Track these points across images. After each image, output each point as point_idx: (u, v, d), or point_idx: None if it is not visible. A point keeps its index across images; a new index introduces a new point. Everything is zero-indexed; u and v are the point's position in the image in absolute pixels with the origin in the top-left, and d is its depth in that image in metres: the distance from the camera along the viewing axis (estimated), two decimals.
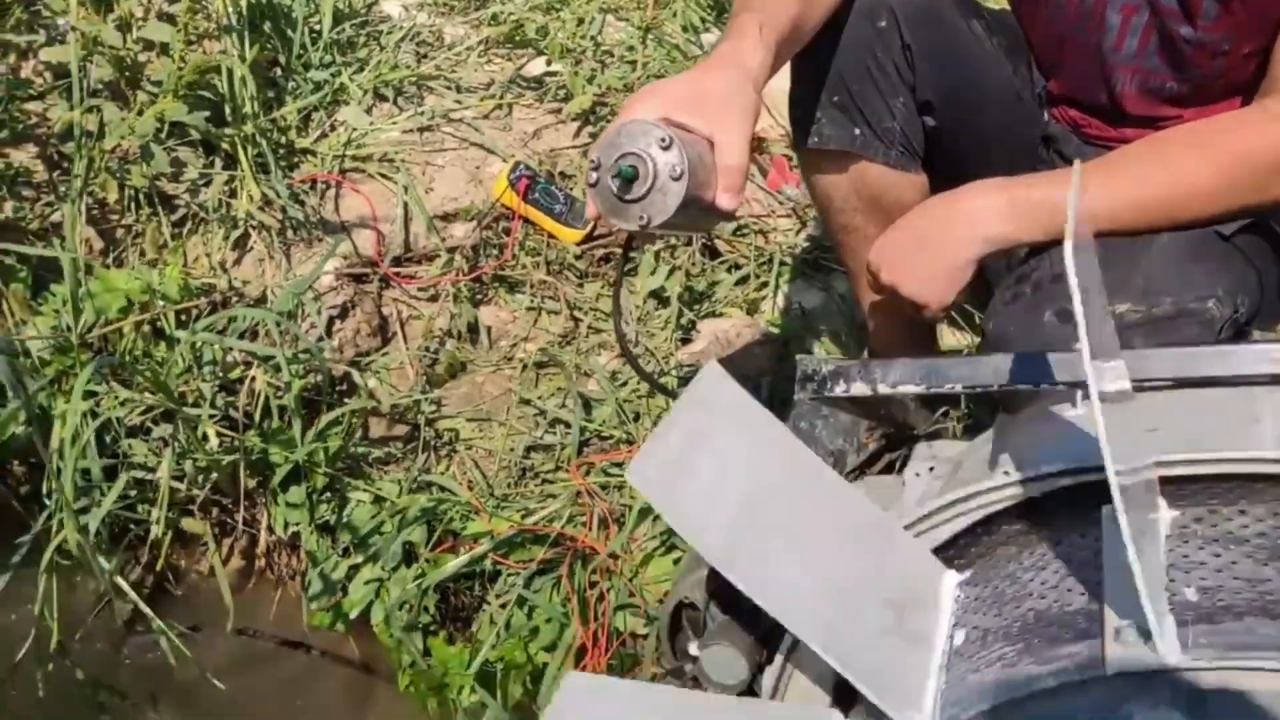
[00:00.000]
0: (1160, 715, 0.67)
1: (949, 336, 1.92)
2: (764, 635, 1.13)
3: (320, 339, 1.83)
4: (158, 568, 1.81)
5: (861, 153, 1.38)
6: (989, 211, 1.24)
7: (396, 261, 1.99)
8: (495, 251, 2.02)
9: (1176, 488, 0.87)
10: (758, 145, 2.24)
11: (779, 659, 0.96)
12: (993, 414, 1.62)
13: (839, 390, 1.17)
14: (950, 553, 0.99)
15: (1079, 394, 1.04)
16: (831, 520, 0.91)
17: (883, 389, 1.16)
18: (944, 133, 1.40)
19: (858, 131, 1.37)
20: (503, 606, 1.61)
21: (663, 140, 1.00)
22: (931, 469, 1.22)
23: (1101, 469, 0.90)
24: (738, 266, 2.06)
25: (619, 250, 2.05)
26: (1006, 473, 0.96)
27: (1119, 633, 0.72)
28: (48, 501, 1.63)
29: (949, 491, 0.98)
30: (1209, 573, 0.78)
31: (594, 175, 1.03)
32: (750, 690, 1.08)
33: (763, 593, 0.82)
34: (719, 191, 1.08)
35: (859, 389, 1.17)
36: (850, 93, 1.35)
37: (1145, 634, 0.71)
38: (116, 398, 1.69)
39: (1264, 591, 0.74)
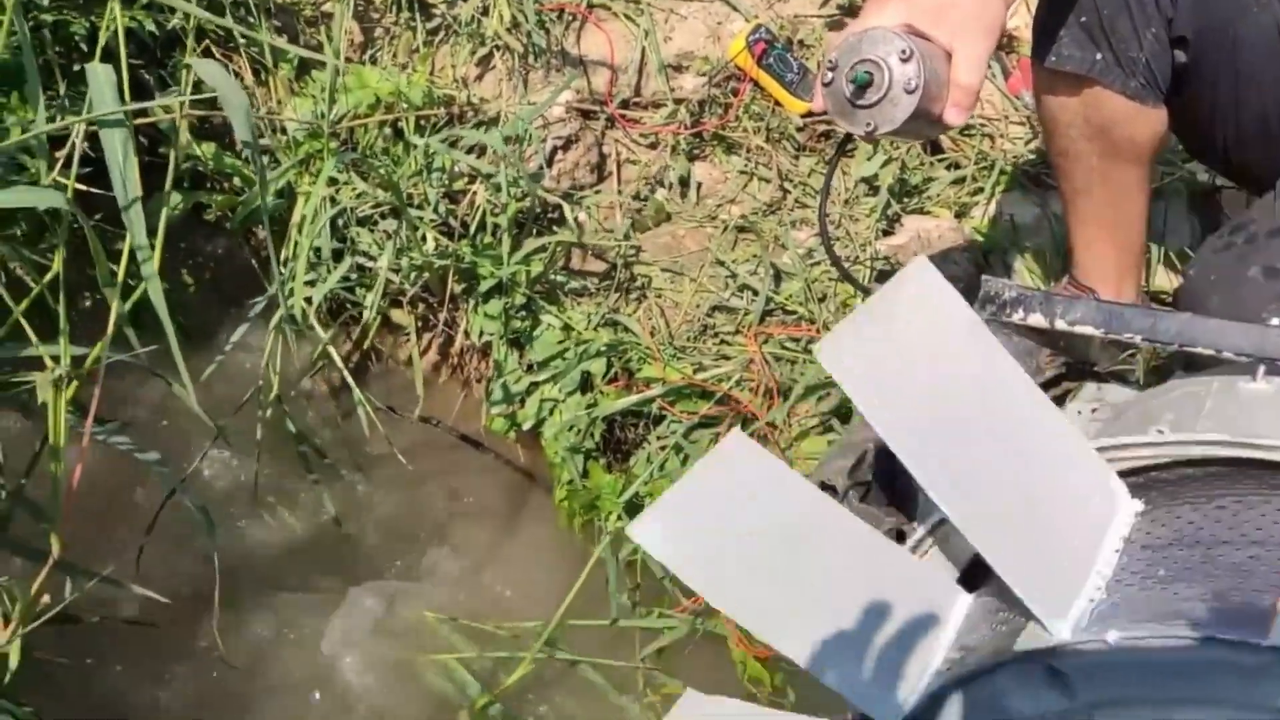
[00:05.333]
0: None
1: (1160, 278, 1.86)
2: (895, 532, 1.19)
3: (541, 167, 1.93)
4: (364, 347, 2.01)
5: (1099, 79, 1.34)
6: None
7: (624, 104, 2.05)
8: (720, 110, 2.06)
9: None
10: (1006, 45, 2.17)
11: (910, 542, 1.01)
12: (1183, 366, 1.60)
13: (1016, 317, 1.19)
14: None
15: (1260, 367, 1.03)
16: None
17: (1060, 325, 1.17)
18: (1194, 70, 1.34)
19: (1099, 56, 1.33)
20: (661, 449, 1.72)
21: (903, 52, 1.02)
22: (1094, 410, 1.23)
23: (1259, 446, 0.91)
24: (957, 166, 2.04)
25: (840, 131, 2.05)
26: (1160, 431, 0.97)
27: None
28: (282, 270, 1.81)
29: (1100, 437, 1.00)
30: None
31: (829, 75, 1.05)
32: None
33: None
34: (948, 107, 1.09)
35: (1036, 320, 1.19)
36: (1100, 16, 1.30)
37: None
38: (354, 189, 1.84)
39: None
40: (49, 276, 1.05)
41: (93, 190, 1.59)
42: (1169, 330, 1.10)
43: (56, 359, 1.05)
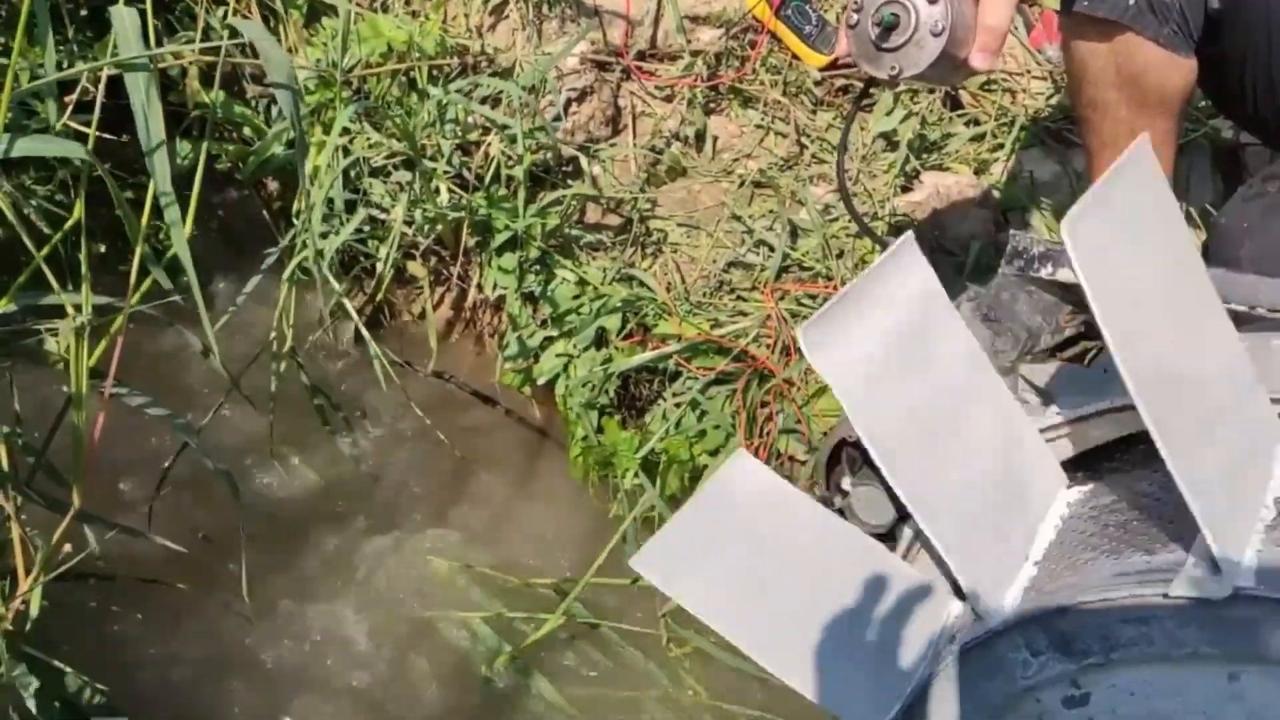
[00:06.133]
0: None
1: None
2: None
3: (557, 118, 1.90)
4: (377, 299, 1.99)
5: (1131, 25, 1.31)
6: None
7: (640, 56, 2.02)
8: (737, 63, 2.03)
9: None
10: None
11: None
12: None
13: (1044, 272, 1.18)
14: (1114, 454, 1.01)
15: None
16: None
17: None
18: (1228, 18, 1.31)
19: (1132, 2, 1.30)
20: (677, 405, 1.71)
21: None
22: None
23: None
24: (977, 122, 2.01)
25: (859, 83, 2.02)
26: None
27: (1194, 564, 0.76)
28: (295, 220, 1.79)
29: (1124, 397, 0.99)
30: None
31: (854, 17, 1.04)
32: (890, 536, 1.14)
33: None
34: (974, 51, 1.07)
35: (1065, 275, 1.17)
36: None
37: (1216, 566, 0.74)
38: (367, 139, 1.81)
39: None
40: (69, 224, 1.04)
41: (103, 136, 1.56)
42: None
43: (78, 307, 1.03)
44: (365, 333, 1.73)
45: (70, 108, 1.28)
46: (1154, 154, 0.90)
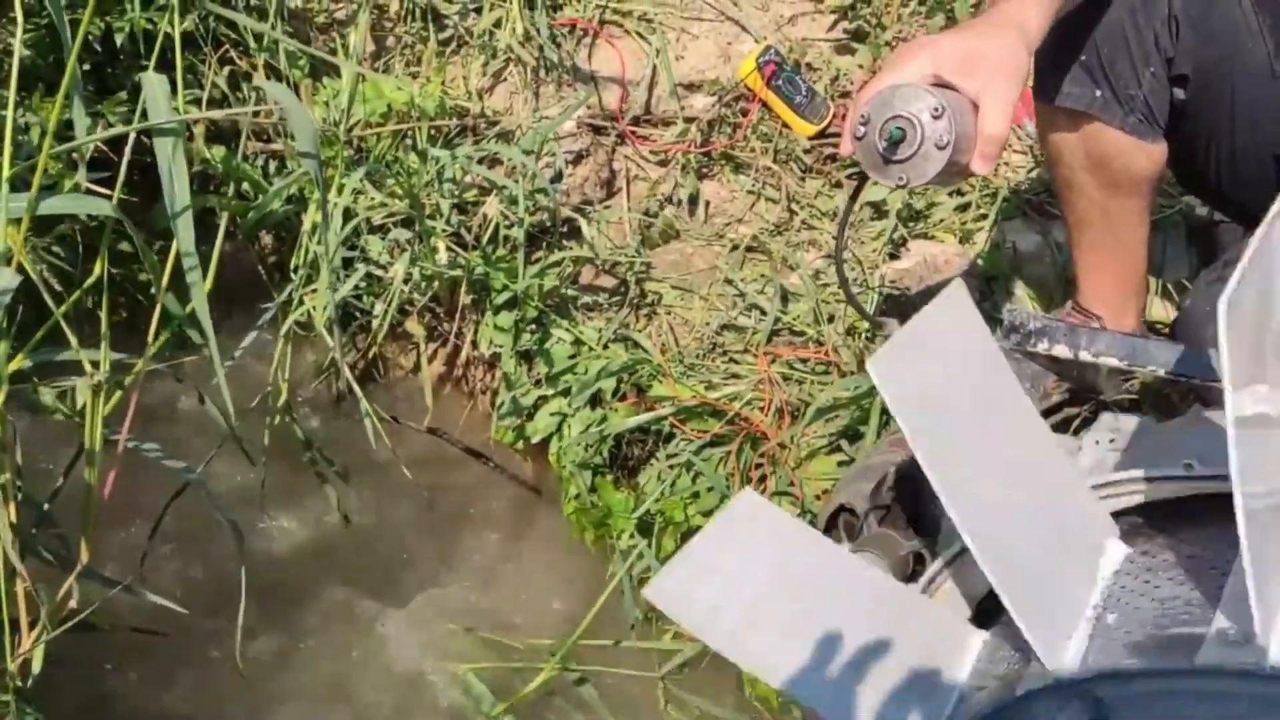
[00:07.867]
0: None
1: (1157, 309, 1.90)
2: (915, 555, 1.21)
3: (557, 177, 1.93)
4: (370, 355, 2.00)
5: (1098, 114, 1.37)
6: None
7: (635, 121, 2.07)
8: (729, 130, 2.08)
9: None
10: None
11: (930, 571, 1.03)
12: (1181, 394, 1.63)
13: (1041, 348, 1.22)
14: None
15: None
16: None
17: (1084, 356, 1.20)
18: (1193, 107, 1.37)
19: (1099, 94, 1.36)
20: (671, 467, 1.73)
21: (935, 109, 1.03)
22: (1112, 440, 1.26)
23: None
24: (961, 193, 2.06)
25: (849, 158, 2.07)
26: (1189, 465, 1.00)
27: (1222, 634, 0.78)
28: (292, 275, 1.81)
29: (1126, 469, 1.02)
30: None
31: (861, 129, 1.07)
32: None
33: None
34: (975, 157, 1.11)
35: (1061, 351, 1.21)
36: (1100, 55, 1.34)
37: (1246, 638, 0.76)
38: (369, 198, 1.84)
39: None
40: (90, 280, 1.05)
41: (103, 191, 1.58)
42: (1191, 365, 1.13)
43: (95, 364, 1.04)
44: (359, 390, 1.74)
45: (84, 165, 1.30)
46: (964, 293, 0.97)
